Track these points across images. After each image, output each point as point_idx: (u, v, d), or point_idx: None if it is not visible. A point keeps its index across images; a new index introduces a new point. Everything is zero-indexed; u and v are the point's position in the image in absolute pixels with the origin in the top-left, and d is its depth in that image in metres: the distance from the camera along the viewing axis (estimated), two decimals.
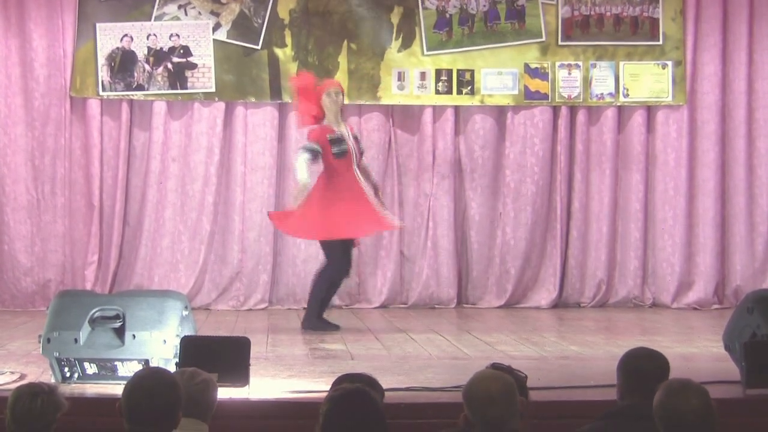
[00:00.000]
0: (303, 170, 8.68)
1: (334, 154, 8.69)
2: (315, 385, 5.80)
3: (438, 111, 10.26)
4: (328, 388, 4.31)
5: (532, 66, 10.25)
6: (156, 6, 10.06)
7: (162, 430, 3.75)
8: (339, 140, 8.71)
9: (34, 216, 9.96)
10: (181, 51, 10.15)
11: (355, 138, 9.03)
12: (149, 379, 3.99)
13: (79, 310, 6.39)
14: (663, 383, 3.87)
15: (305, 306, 9.29)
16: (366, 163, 9.06)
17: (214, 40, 10.12)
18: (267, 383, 6.27)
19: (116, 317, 6.34)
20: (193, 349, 5.95)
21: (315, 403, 4.24)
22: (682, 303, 10.10)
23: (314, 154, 8.65)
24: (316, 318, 8.84)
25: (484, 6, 10.21)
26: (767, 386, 5.74)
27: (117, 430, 3.82)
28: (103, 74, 10.01)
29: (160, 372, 4.28)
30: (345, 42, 10.19)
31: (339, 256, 8.78)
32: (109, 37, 10.01)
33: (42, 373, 6.17)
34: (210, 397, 4.38)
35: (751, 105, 10.10)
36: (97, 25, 10.01)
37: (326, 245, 8.81)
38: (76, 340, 6.25)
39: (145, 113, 10.17)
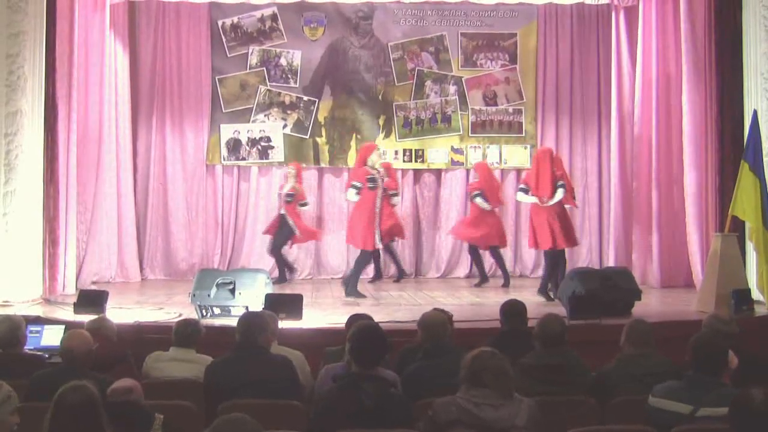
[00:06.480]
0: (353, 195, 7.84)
1: (369, 188, 7.64)
2: (339, 319, 5.81)
3: (405, 171, 10.36)
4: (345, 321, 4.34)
5: (455, 147, 10.39)
6: (252, 115, 10.12)
7: (257, 342, 3.77)
8: (374, 179, 7.78)
9: (187, 228, 10.13)
10: (266, 138, 10.16)
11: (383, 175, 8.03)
12: (248, 316, 4.06)
13: (211, 279, 6.61)
14: (542, 316, 3.94)
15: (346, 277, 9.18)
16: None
17: (283, 133, 10.13)
18: (312, 318, 6.43)
19: (230, 283, 6.41)
20: (272, 300, 6.03)
21: (339, 329, 4.27)
22: (536, 275, 10.08)
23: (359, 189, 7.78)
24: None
25: (429, 115, 10.32)
26: (580, 319, 5.81)
27: (232, 342, 3.84)
28: (224, 151, 10.12)
29: (255, 312, 4.35)
30: (354, 134, 10.29)
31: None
32: (227, 131, 10.22)
33: (190, 313, 6.20)
34: (276, 326, 4.36)
35: (572, 173, 10.05)
36: (221, 125, 10.08)
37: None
38: (209, 295, 6.35)
39: (246, 172, 10.21)
